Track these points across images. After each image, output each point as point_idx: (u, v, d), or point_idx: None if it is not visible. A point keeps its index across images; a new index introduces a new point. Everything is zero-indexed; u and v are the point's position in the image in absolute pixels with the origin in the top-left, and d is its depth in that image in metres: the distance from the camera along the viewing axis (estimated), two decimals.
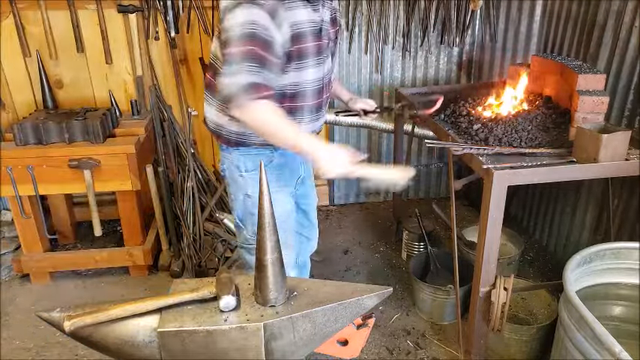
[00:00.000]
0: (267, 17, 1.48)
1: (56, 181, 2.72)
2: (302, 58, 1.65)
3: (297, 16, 1.59)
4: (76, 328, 1.21)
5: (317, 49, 1.69)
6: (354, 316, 1.35)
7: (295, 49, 1.61)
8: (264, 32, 1.48)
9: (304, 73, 1.68)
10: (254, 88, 1.47)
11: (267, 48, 1.50)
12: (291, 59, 1.63)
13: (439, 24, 3.35)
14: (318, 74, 1.74)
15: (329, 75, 1.84)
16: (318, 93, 1.79)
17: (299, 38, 1.61)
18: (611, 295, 2.06)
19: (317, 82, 1.75)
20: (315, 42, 1.67)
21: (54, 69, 3.10)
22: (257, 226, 1.25)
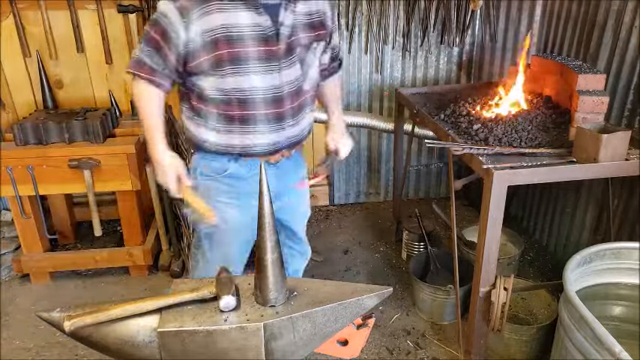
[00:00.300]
0: (175, 13, 1.54)
1: (56, 181, 2.72)
2: (238, 63, 1.60)
3: (230, 18, 1.56)
4: (76, 328, 1.21)
5: (263, 54, 1.62)
6: (354, 316, 1.35)
7: (226, 52, 1.57)
8: (168, 25, 1.55)
9: (246, 79, 1.63)
10: (140, 65, 1.61)
11: (165, 39, 1.57)
12: (222, 63, 1.59)
13: (439, 24, 3.35)
14: (271, 82, 1.66)
15: (296, 83, 1.73)
16: (274, 102, 1.69)
17: (229, 42, 1.57)
18: (611, 295, 2.06)
19: (271, 91, 1.67)
20: (258, 47, 1.60)
21: (54, 69, 3.10)
22: (257, 227, 1.25)
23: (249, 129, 1.70)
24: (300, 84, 1.74)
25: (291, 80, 1.70)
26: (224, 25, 1.55)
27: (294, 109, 1.75)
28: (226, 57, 1.58)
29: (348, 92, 3.49)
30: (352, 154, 3.65)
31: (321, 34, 1.78)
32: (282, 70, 1.67)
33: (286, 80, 1.69)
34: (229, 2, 1.56)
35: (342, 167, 3.72)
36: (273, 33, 1.62)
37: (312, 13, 1.74)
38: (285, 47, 1.65)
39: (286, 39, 1.65)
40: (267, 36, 1.61)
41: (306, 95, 1.80)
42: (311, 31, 1.73)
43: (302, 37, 1.70)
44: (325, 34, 1.80)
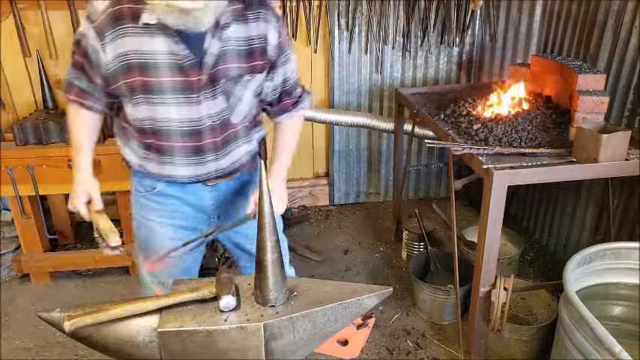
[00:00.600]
0: (94, 35, 1.43)
1: (56, 181, 2.71)
2: (151, 92, 1.46)
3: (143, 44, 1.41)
4: (76, 328, 1.21)
5: (179, 85, 1.45)
6: (354, 316, 1.35)
7: (138, 80, 1.44)
8: (88, 46, 1.46)
9: (160, 109, 1.48)
10: (70, 87, 1.55)
11: (88, 61, 1.49)
12: (134, 90, 1.46)
13: (439, 24, 3.35)
14: (188, 114, 1.49)
15: (220, 117, 1.54)
16: (191, 136, 1.53)
17: (141, 69, 1.43)
18: (611, 295, 2.06)
19: (187, 124, 1.51)
20: (173, 77, 1.44)
21: (54, 69, 3.10)
22: (257, 227, 1.25)
23: (166, 159, 1.58)
24: (225, 117, 1.55)
25: (214, 113, 1.52)
26: (136, 50, 1.41)
27: (217, 143, 1.57)
28: (138, 85, 1.45)
29: (348, 92, 3.49)
30: (352, 154, 3.70)
31: (256, 66, 1.53)
32: (202, 102, 1.49)
33: (207, 113, 1.51)
34: (144, 27, 1.40)
35: (343, 167, 3.72)
36: (193, 62, 1.43)
37: (251, 38, 1.50)
38: (208, 78, 1.46)
39: (209, 69, 1.46)
40: (185, 65, 1.43)
41: (236, 128, 1.60)
42: (245, 60, 1.51)
43: (231, 68, 1.49)
44: (264, 65, 1.55)
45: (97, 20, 1.42)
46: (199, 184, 1.65)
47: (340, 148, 3.66)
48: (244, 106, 1.58)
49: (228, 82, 1.51)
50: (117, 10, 1.40)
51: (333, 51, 3.34)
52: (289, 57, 1.63)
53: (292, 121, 1.73)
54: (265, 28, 1.51)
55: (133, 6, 1.39)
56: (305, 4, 3.19)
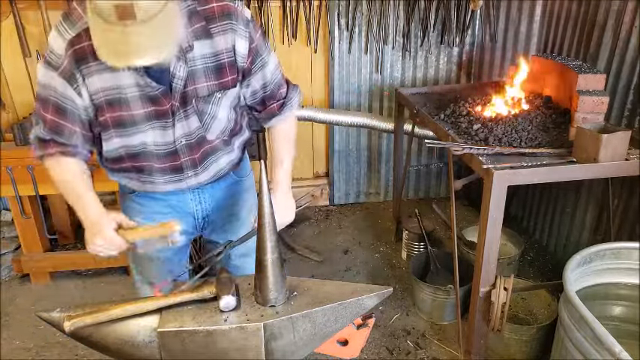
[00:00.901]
0: (63, 83, 1.34)
1: None
2: (123, 127, 1.41)
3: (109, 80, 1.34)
4: (76, 328, 1.21)
5: (153, 114, 1.40)
6: (354, 316, 1.36)
7: (108, 118, 1.39)
8: (59, 99, 1.36)
9: (133, 138, 1.44)
10: (44, 144, 1.42)
11: (61, 115, 1.38)
12: (108, 127, 1.41)
13: (439, 24, 3.35)
14: (164, 138, 1.45)
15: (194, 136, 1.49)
16: (167, 156, 1.49)
17: (112, 106, 1.37)
18: (611, 295, 2.06)
19: (164, 147, 1.47)
20: (144, 109, 1.39)
21: None
22: (257, 227, 1.25)
23: (146, 178, 1.54)
24: (200, 135, 1.50)
25: (188, 133, 1.47)
26: (104, 87, 1.35)
27: (195, 160, 1.53)
28: (109, 122, 1.40)
29: (348, 92, 3.49)
30: (352, 154, 3.70)
31: (226, 82, 1.46)
32: (176, 124, 1.44)
33: (181, 133, 1.46)
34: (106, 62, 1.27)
35: (343, 167, 3.72)
36: (162, 90, 1.37)
37: (218, 54, 1.42)
38: (179, 100, 1.41)
39: (180, 93, 1.40)
40: (155, 95, 1.38)
41: (213, 143, 1.55)
42: (215, 77, 1.44)
43: (199, 88, 1.42)
44: (235, 79, 1.48)
45: (60, 65, 1.33)
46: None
47: (340, 148, 3.66)
48: (219, 123, 1.52)
49: (199, 101, 1.45)
50: (79, 49, 1.30)
51: (333, 51, 3.34)
52: (266, 60, 1.51)
53: (284, 125, 1.64)
54: (232, 38, 1.42)
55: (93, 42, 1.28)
56: (305, 4, 3.19)
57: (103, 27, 1.13)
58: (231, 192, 1.72)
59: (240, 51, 1.44)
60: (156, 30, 1.14)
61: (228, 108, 1.52)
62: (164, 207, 1.63)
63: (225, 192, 1.71)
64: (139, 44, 1.14)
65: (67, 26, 1.31)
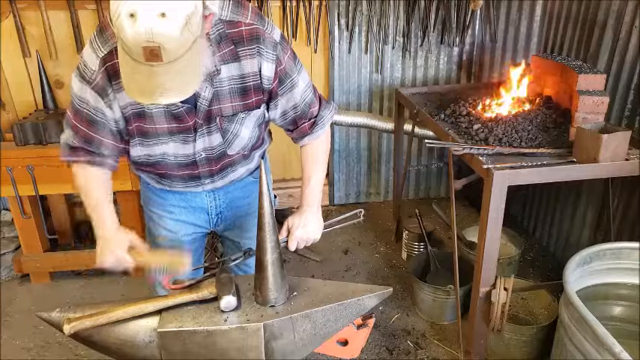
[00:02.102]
0: (95, 96, 1.38)
1: (56, 181, 2.71)
2: (146, 137, 1.47)
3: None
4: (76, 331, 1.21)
5: (175, 130, 1.45)
6: (354, 316, 1.36)
7: (135, 127, 1.45)
8: (91, 111, 1.41)
9: (157, 148, 1.49)
10: (74, 151, 1.47)
11: (92, 127, 1.43)
12: (133, 135, 1.47)
13: (439, 24, 3.35)
14: (185, 150, 1.50)
15: (215, 151, 1.53)
16: (187, 166, 1.55)
17: (139, 118, 1.42)
18: (612, 296, 2.06)
19: (184, 157, 1.52)
20: (168, 124, 1.44)
21: (54, 69, 3.10)
22: (257, 227, 1.25)
23: (165, 181, 1.62)
24: (221, 151, 1.54)
25: (209, 147, 1.52)
26: (131, 102, 1.39)
27: (213, 171, 1.58)
28: (136, 130, 1.45)
29: (348, 92, 3.49)
30: (352, 154, 3.70)
31: (251, 103, 1.48)
32: (197, 140, 1.48)
33: (202, 147, 1.51)
34: None
35: (343, 167, 3.72)
36: (186, 109, 1.41)
37: (245, 76, 1.44)
38: (203, 119, 1.45)
39: (204, 112, 1.44)
40: (179, 112, 1.42)
41: (233, 157, 1.59)
42: (240, 98, 1.46)
43: (224, 108, 1.45)
44: (260, 100, 1.49)
45: (94, 79, 1.36)
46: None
47: (340, 148, 3.66)
48: (241, 141, 1.55)
49: (223, 120, 1.48)
50: (110, 65, 1.34)
51: (333, 51, 3.34)
52: (295, 81, 1.51)
53: (316, 142, 1.63)
54: (259, 62, 1.43)
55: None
56: (305, 4, 3.19)
57: (131, 64, 1.15)
58: (246, 191, 1.76)
59: (265, 74, 1.45)
60: (182, 69, 1.16)
61: (251, 127, 1.55)
62: (180, 201, 1.69)
63: (241, 191, 1.74)
64: (164, 84, 1.16)
65: (100, 43, 1.35)
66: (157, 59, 1.11)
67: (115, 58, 1.31)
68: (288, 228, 1.54)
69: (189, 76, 1.21)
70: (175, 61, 1.13)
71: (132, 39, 1.09)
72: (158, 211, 1.73)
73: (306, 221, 1.55)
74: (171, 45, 1.10)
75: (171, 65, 1.14)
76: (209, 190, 1.66)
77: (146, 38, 1.08)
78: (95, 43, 1.35)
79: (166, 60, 1.12)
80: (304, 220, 1.54)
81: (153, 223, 1.77)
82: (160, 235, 1.75)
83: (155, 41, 1.09)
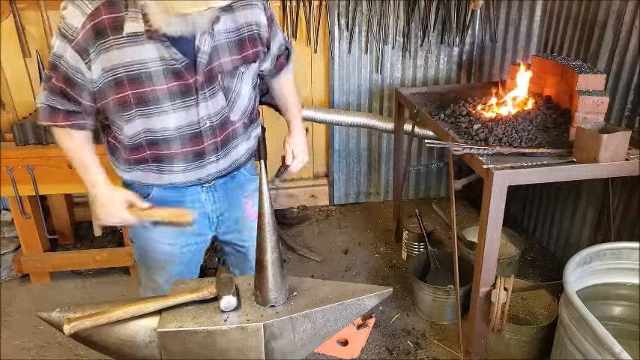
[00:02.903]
0: (75, 55, 1.34)
1: (56, 181, 2.71)
2: (146, 104, 1.40)
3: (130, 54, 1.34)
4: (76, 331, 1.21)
5: (176, 90, 1.41)
6: (354, 316, 1.35)
7: (131, 94, 1.38)
8: (70, 70, 1.36)
9: (157, 120, 1.43)
10: (53, 113, 1.44)
11: (70, 84, 1.39)
12: (127, 106, 1.40)
13: (439, 24, 3.35)
14: (187, 118, 1.45)
15: (219, 116, 1.51)
16: (191, 140, 1.49)
17: (133, 82, 1.36)
18: (612, 296, 2.06)
19: (187, 128, 1.47)
20: (168, 83, 1.39)
21: None
22: (257, 227, 1.25)
23: (165, 167, 1.53)
24: (225, 115, 1.52)
25: (213, 113, 1.49)
26: (124, 62, 1.34)
27: (217, 143, 1.54)
28: (131, 99, 1.39)
29: (348, 92, 3.49)
30: (352, 154, 3.70)
31: (249, 55, 1.50)
32: (200, 104, 1.45)
33: (206, 114, 1.47)
34: (128, 36, 1.32)
35: (343, 167, 3.72)
36: (186, 64, 1.39)
37: (240, 27, 1.47)
38: (204, 77, 1.42)
39: (204, 68, 1.41)
40: (179, 68, 1.38)
41: (235, 125, 1.57)
42: (238, 51, 1.47)
43: (224, 62, 1.45)
44: (258, 52, 1.53)
45: (75, 38, 1.32)
46: (196, 185, 1.62)
47: (340, 148, 3.66)
48: (243, 100, 1.56)
49: (224, 77, 1.47)
50: (97, 22, 1.31)
51: (333, 51, 3.34)
52: (277, 29, 1.63)
53: (290, 74, 1.79)
54: (252, 13, 1.49)
55: (113, 15, 1.31)
56: (305, 4, 3.19)
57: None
58: (243, 190, 1.74)
59: (262, 22, 1.52)
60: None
61: (250, 85, 1.58)
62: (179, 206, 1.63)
63: (238, 191, 1.73)
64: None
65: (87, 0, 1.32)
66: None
67: (102, 14, 1.31)
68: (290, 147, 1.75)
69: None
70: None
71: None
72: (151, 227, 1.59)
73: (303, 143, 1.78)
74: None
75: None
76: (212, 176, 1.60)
77: None
78: (80, 1, 1.32)
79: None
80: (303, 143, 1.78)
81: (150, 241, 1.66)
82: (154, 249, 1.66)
83: None
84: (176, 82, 1.40)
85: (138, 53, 1.35)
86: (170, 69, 1.38)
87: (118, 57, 1.34)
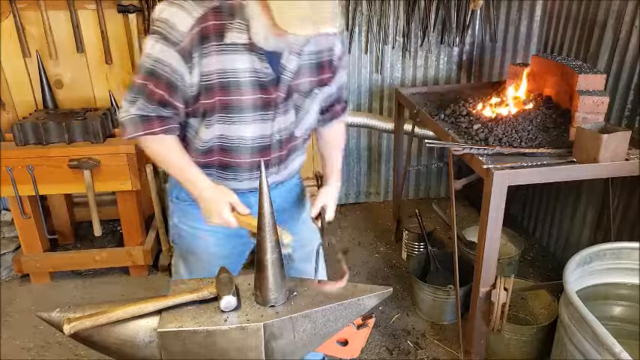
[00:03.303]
0: (177, 58, 1.34)
1: (56, 181, 2.71)
2: (229, 112, 1.43)
3: (227, 62, 1.37)
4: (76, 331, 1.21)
5: (259, 103, 1.44)
6: (354, 316, 1.35)
7: (217, 101, 1.40)
8: (171, 73, 1.36)
9: (235, 128, 1.46)
10: (148, 123, 1.41)
11: (171, 90, 1.38)
12: (212, 111, 1.42)
13: (439, 24, 3.35)
14: (263, 131, 1.49)
15: (287, 131, 1.55)
16: (260, 151, 1.53)
17: (223, 90, 1.39)
18: (612, 296, 2.06)
19: (260, 140, 1.50)
20: (253, 95, 1.42)
21: (54, 69, 3.10)
22: (257, 227, 1.25)
23: (229, 175, 1.56)
24: (291, 131, 1.56)
25: (283, 128, 1.53)
26: (220, 69, 1.37)
27: (281, 156, 1.59)
28: (217, 105, 1.41)
29: (348, 92, 3.49)
30: (352, 154, 3.70)
31: (325, 79, 1.55)
32: (275, 119, 1.49)
33: (277, 128, 1.51)
34: (229, 45, 1.36)
35: (343, 167, 3.72)
36: (272, 79, 1.42)
37: (321, 51, 1.51)
38: (284, 94, 1.47)
39: (286, 85, 1.46)
40: (266, 82, 1.42)
41: (297, 141, 1.62)
42: (316, 73, 1.52)
43: (303, 82, 1.50)
44: (331, 77, 1.57)
45: (181, 41, 1.32)
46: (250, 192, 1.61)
47: None
48: (309, 119, 1.60)
49: (299, 96, 1.51)
50: (204, 27, 1.32)
51: None
52: (345, 63, 1.63)
53: (340, 125, 1.77)
54: (333, 40, 1.53)
55: (218, 22, 1.34)
56: None
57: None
58: (293, 194, 1.77)
59: (336, 52, 1.55)
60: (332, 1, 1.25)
61: (318, 105, 1.61)
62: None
63: (288, 194, 1.74)
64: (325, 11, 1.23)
65: (195, 4, 1.33)
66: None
67: (209, 20, 1.33)
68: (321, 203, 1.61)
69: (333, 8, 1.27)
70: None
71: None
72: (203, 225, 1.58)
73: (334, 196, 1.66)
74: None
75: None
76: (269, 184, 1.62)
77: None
78: (187, 4, 1.32)
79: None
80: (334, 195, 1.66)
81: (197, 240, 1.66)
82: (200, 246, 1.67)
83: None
84: (261, 94, 1.43)
85: (233, 62, 1.37)
86: (258, 81, 1.41)
87: (216, 63, 1.36)
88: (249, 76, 1.40)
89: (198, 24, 1.32)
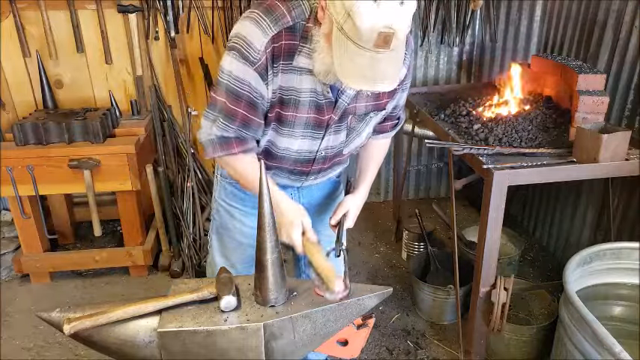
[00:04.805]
0: (257, 77, 1.35)
1: (56, 181, 2.71)
2: (283, 125, 1.46)
3: (290, 81, 1.38)
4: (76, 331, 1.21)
5: (312, 122, 1.46)
6: (354, 317, 1.36)
7: (274, 114, 1.44)
8: (252, 92, 1.37)
9: (285, 140, 1.49)
10: (226, 144, 1.43)
11: (251, 109, 1.40)
12: (269, 123, 1.46)
13: (439, 24, 3.34)
14: (310, 147, 1.52)
15: (335, 150, 1.58)
16: (304, 162, 1.57)
17: (283, 105, 1.42)
18: (611, 296, 2.06)
19: (306, 153, 1.54)
20: (307, 114, 1.44)
21: (54, 69, 3.10)
22: (257, 227, 1.25)
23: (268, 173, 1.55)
24: (339, 149, 1.59)
25: (331, 146, 1.56)
26: (285, 87, 1.39)
27: (323, 169, 1.63)
28: (274, 118, 1.44)
29: None
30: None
31: (381, 104, 1.54)
32: (325, 137, 1.51)
33: (325, 146, 1.54)
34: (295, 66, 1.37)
35: None
36: (329, 101, 1.43)
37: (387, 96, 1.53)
38: (338, 116, 1.48)
39: (342, 109, 1.46)
40: (322, 104, 1.43)
41: (344, 156, 1.67)
42: (374, 99, 1.51)
43: (359, 107, 1.50)
44: (389, 101, 1.56)
45: (259, 60, 1.33)
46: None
47: None
48: (360, 139, 1.61)
49: (353, 119, 1.52)
50: (276, 47, 1.33)
51: None
52: (406, 86, 1.60)
53: (385, 140, 1.77)
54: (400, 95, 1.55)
55: (290, 42, 1.34)
56: None
57: (353, 49, 1.15)
58: (326, 190, 1.80)
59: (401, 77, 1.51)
60: (398, 57, 1.21)
61: (371, 128, 1.62)
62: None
63: (322, 191, 1.78)
64: (386, 71, 1.19)
65: (270, 22, 1.32)
66: (386, 46, 1.13)
67: (282, 39, 1.32)
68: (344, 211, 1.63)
69: (399, 63, 1.25)
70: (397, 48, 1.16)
71: (370, 24, 1.10)
72: (241, 206, 1.68)
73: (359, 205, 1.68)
74: (402, 33, 1.13)
75: (393, 52, 1.16)
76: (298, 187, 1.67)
77: (385, 24, 1.10)
78: (264, 22, 1.31)
79: (392, 47, 1.14)
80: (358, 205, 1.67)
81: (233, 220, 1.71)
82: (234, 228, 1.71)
83: (393, 28, 1.11)
84: (315, 114, 1.45)
85: (298, 82, 1.39)
86: (316, 102, 1.42)
87: (282, 81, 1.38)
88: (309, 96, 1.41)
89: (271, 43, 1.32)
